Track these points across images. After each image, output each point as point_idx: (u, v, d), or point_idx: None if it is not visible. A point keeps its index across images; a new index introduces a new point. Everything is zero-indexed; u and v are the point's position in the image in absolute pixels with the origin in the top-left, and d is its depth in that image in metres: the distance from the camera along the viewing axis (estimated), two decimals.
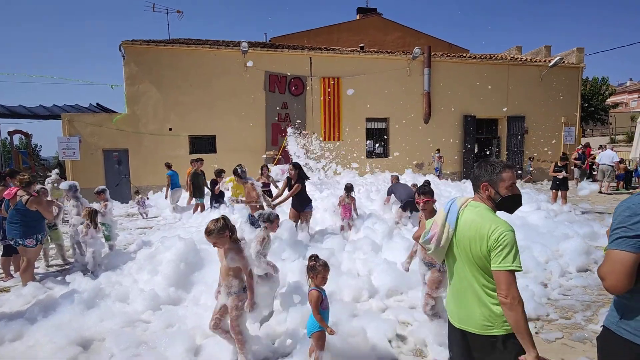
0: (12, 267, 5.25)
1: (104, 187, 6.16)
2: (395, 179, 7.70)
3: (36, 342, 3.17)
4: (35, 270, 5.25)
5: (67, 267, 5.71)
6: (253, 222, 4.44)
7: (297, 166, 5.86)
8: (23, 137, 18.67)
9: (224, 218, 2.78)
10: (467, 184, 11.85)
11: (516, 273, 1.62)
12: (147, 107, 12.99)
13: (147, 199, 10.93)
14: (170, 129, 13.21)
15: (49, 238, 5.69)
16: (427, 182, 5.41)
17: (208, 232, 2.66)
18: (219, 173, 8.09)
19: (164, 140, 13.15)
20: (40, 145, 36.45)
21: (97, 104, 15.68)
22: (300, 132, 12.84)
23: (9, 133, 17.91)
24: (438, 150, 14.88)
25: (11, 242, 4.69)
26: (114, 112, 13.99)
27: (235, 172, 5.89)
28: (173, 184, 9.92)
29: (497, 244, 1.62)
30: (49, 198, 5.75)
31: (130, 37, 13.41)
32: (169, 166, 10.47)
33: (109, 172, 12.91)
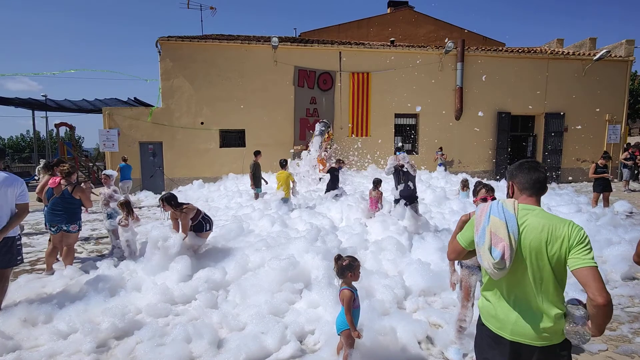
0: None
1: (111, 171, 6.15)
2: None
3: (68, 326, 3.31)
4: (77, 255, 5.59)
5: (106, 253, 6.01)
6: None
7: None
8: (68, 129, 19.80)
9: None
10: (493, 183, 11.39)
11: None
12: (180, 101, 13.41)
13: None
14: (202, 123, 13.58)
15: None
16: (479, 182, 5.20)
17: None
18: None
19: (196, 134, 13.54)
20: (83, 137, 38.63)
21: (135, 98, 16.36)
22: (327, 129, 12.77)
23: (56, 125, 19.04)
24: (440, 148, 14.38)
25: (52, 229, 4.97)
26: (150, 105, 14.55)
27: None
28: (123, 175, 10.86)
29: (581, 240, 1.58)
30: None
31: (165, 34, 13.85)
32: (124, 159, 11.39)
33: (144, 164, 13.47)
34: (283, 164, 8.16)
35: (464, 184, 9.05)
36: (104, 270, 4.65)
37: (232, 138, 14.14)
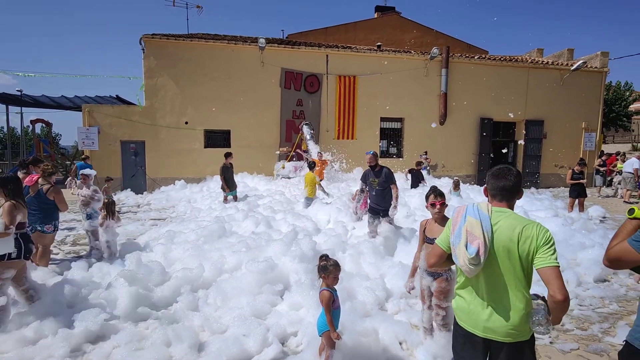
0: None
1: (89, 170, 5.94)
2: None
3: (34, 332, 3.18)
4: (53, 256, 5.41)
5: (84, 254, 5.85)
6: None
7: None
8: (44, 125, 19.18)
9: None
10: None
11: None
12: (164, 100, 13.19)
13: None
14: (186, 123, 13.38)
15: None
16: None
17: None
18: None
19: (180, 134, 13.33)
20: (60, 135, 37.46)
21: (117, 96, 16.00)
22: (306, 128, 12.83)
23: (32, 122, 18.42)
24: (425, 152, 14.65)
25: (27, 229, 4.80)
26: (133, 104, 14.26)
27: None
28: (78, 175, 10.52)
29: (547, 241, 1.69)
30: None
31: (150, 31, 13.58)
32: (83, 158, 11.14)
33: (126, 163, 13.17)
34: (311, 166, 8.67)
35: (456, 185, 9.37)
36: (74, 273, 4.49)
37: (217, 138, 13.98)
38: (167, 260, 4.83)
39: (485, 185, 1.96)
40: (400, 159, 15.39)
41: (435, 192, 3.07)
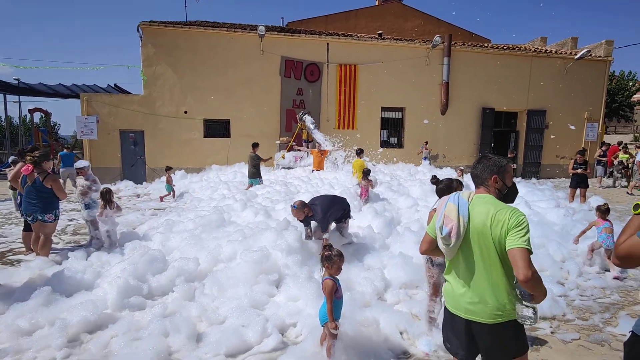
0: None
1: (82, 162, 5.86)
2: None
3: (30, 323, 3.16)
4: (54, 246, 5.40)
5: (84, 243, 5.84)
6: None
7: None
8: (43, 115, 19.02)
9: None
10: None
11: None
12: (163, 89, 13.04)
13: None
14: (185, 112, 13.26)
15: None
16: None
17: None
18: None
19: (179, 123, 13.23)
20: (59, 124, 37.25)
21: (115, 84, 15.84)
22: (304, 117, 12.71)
23: (30, 111, 18.26)
24: (426, 142, 14.54)
25: (28, 218, 4.79)
26: (131, 93, 14.11)
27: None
28: (64, 163, 10.78)
29: (517, 224, 1.74)
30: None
31: (147, 18, 13.40)
32: (66, 147, 11.51)
33: (125, 153, 13.09)
34: (359, 153, 8.93)
35: (462, 171, 9.76)
36: (72, 262, 4.46)
37: (217, 128, 13.87)
38: (166, 249, 4.81)
39: None
40: (401, 148, 15.30)
41: (460, 184, 3.08)
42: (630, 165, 13.25)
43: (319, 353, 2.74)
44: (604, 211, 5.06)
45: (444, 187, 2.90)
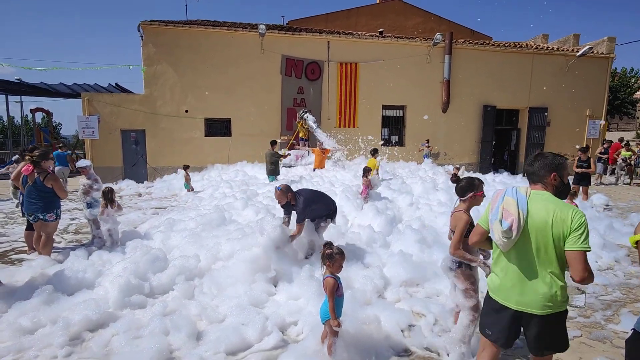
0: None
1: (83, 161, 5.82)
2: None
3: (32, 322, 3.17)
4: (56, 245, 5.42)
5: (86, 242, 5.85)
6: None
7: None
8: (44, 115, 19.09)
9: None
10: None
11: None
12: (164, 88, 13.05)
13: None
14: (186, 111, 13.27)
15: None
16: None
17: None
18: None
19: (180, 122, 13.24)
20: (60, 124, 37.34)
21: (116, 84, 15.85)
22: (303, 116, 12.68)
23: (31, 110, 18.35)
24: (427, 140, 14.52)
25: (29, 218, 4.81)
26: (132, 92, 14.12)
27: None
28: (58, 162, 10.65)
29: (579, 226, 1.82)
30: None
31: (148, 18, 13.40)
32: (59, 147, 11.42)
33: (127, 152, 13.12)
34: (373, 153, 9.25)
35: (457, 169, 10.10)
36: (74, 261, 4.47)
37: (218, 127, 13.88)
38: (166, 247, 4.83)
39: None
40: (403, 146, 15.27)
41: (482, 182, 2.96)
42: (633, 162, 13.20)
43: (320, 351, 2.74)
44: None
45: (466, 185, 2.77)
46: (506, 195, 2.00)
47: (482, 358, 2.19)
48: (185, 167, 10.50)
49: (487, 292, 2.14)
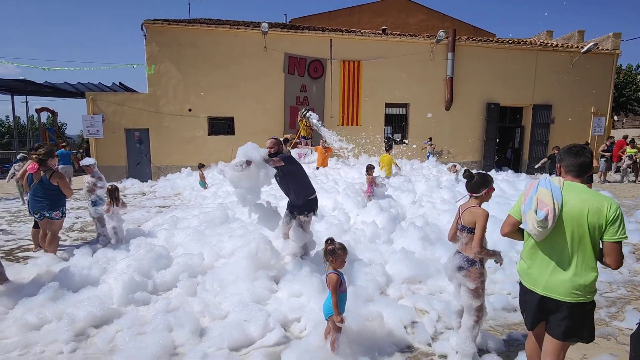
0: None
1: (87, 159, 5.86)
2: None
3: (37, 318, 3.21)
4: (61, 242, 5.46)
5: (91, 240, 5.90)
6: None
7: None
8: (49, 114, 19.23)
9: None
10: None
11: None
12: (167, 87, 13.09)
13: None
14: (189, 110, 13.31)
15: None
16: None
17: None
18: None
19: (184, 121, 13.29)
20: (66, 123, 37.58)
21: (120, 83, 15.93)
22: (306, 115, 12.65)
23: (37, 110, 18.49)
24: (430, 138, 14.44)
25: (35, 216, 4.85)
26: (136, 91, 14.19)
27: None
28: (62, 161, 10.55)
29: (616, 218, 1.88)
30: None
31: (151, 16, 13.43)
32: (63, 146, 11.50)
33: (131, 151, 13.19)
34: (388, 148, 9.60)
35: (454, 167, 10.13)
36: (79, 258, 4.51)
37: (221, 126, 13.92)
38: (170, 245, 4.86)
39: (559, 162, 2.16)
40: (405, 145, 15.23)
41: (491, 177, 2.94)
42: (638, 159, 13.08)
43: (324, 347, 2.75)
44: None
45: (480, 181, 2.72)
46: (540, 186, 2.04)
47: (528, 340, 2.33)
48: (201, 166, 10.67)
49: (520, 278, 2.26)
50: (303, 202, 4.32)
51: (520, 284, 2.24)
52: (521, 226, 2.19)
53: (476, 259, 2.61)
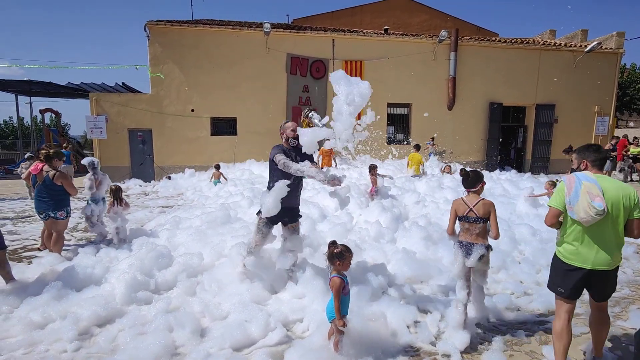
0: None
1: (88, 159, 5.81)
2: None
3: (42, 317, 3.23)
4: (66, 242, 5.50)
5: (95, 239, 5.92)
6: None
7: None
8: (53, 115, 19.33)
9: None
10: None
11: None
12: (170, 88, 13.14)
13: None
14: (192, 110, 13.35)
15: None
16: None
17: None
18: None
19: (187, 121, 13.33)
20: (69, 124, 37.75)
21: (123, 83, 15.99)
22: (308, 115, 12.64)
23: (41, 111, 18.59)
24: (432, 138, 14.43)
25: (40, 216, 4.88)
26: (139, 92, 14.25)
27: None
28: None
29: (638, 200, 2.40)
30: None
31: (154, 18, 13.52)
32: (65, 147, 11.74)
33: (134, 152, 13.25)
34: (417, 148, 10.20)
35: (449, 167, 10.38)
36: (82, 258, 4.53)
37: (224, 126, 13.95)
38: (172, 245, 4.88)
39: (583, 158, 2.54)
40: (408, 144, 15.21)
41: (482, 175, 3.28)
42: None
43: (326, 346, 2.75)
44: None
45: (476, 177, 3.09)
46: (583, 180, 2.38)
47: (559, 314, 2.59)
48: (217, 167, 10.98)
49: (556, 258, 2.61)
50: (299, 204, 4.02)
51: (563, 263, 2.55)
52: (569, 215, 2.49)
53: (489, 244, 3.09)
